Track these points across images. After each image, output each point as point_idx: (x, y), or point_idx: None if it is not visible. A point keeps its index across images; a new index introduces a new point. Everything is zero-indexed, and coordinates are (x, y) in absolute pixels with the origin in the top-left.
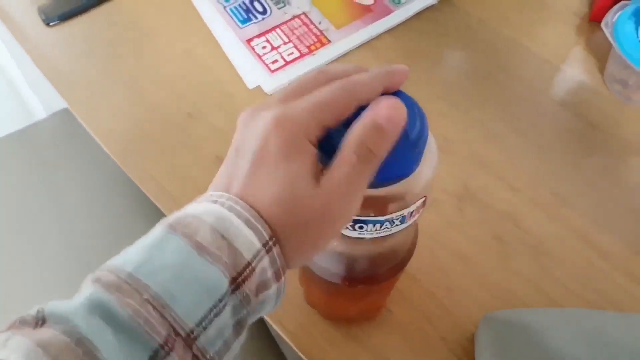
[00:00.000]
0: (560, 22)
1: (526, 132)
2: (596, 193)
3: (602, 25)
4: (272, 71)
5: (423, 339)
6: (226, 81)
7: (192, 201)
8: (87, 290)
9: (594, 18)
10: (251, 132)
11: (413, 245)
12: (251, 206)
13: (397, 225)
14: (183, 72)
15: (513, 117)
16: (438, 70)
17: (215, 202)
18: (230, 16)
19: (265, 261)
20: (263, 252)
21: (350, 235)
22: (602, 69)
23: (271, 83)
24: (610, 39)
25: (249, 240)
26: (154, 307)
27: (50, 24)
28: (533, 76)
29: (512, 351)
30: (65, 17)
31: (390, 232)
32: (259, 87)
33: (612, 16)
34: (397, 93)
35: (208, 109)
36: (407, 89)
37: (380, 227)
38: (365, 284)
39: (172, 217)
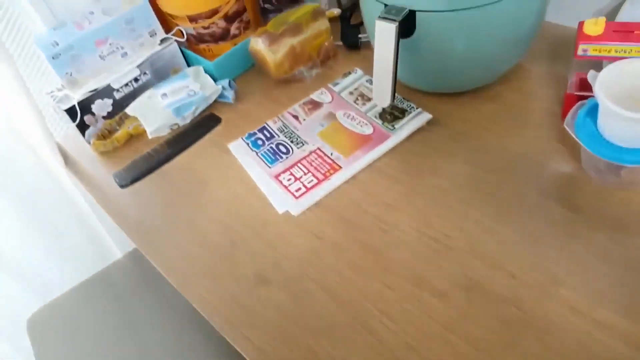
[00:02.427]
0: (538, 123)
1: (516, 223)
2: (587, 271)
3: (565, 125)
4: (297, 197)
5: None
6: (261, 211)
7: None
8: None
9: (565, 116)
10: None
11: None
12: None
13: None
14: (227, 209)
15: (503, 211)
16: (433, 180)
17: None
18: (262, 159)
19: None
20: None
21: None
22: (579, 157)
23: (297, 207)
24: (574, 136)
25: None
26: None
27: (123, 185)
28: (518, 173)
29: None
30: (135, 180)
31: None
32: (287, 211)
33: (572, 116)
34: None
35: (248, 236)
36: (408, 198)
37: None
38: None
39: None
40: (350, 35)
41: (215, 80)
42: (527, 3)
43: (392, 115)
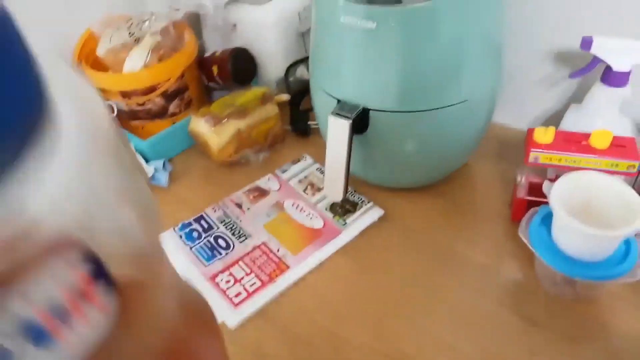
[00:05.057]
0: (487, 224)
1: (474, 337)
2: None
3: (519, 232)
4: (236, 305)
5: None
6: None
7: None
8: None
9: (515, 218)
10: None
11: None
12: None
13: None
14: None
15: (460, 322)
16: (386, 281)
17: None
18: (196, 256)
19: None
20: None
21: None
22: (532, 263)
23: (235, 317)
24: (528, 244)
25: None
26: None
27: None
28: (471, 278)
29: None
30: None
31: None
32: (222, 323)
33: (525, 223)
34: None
35: None
36: (359, 301)
37: None
38: None
39: None
40: (300, 121)
41: (147, 160)
42: (475, 108)
43: (344, 208)
